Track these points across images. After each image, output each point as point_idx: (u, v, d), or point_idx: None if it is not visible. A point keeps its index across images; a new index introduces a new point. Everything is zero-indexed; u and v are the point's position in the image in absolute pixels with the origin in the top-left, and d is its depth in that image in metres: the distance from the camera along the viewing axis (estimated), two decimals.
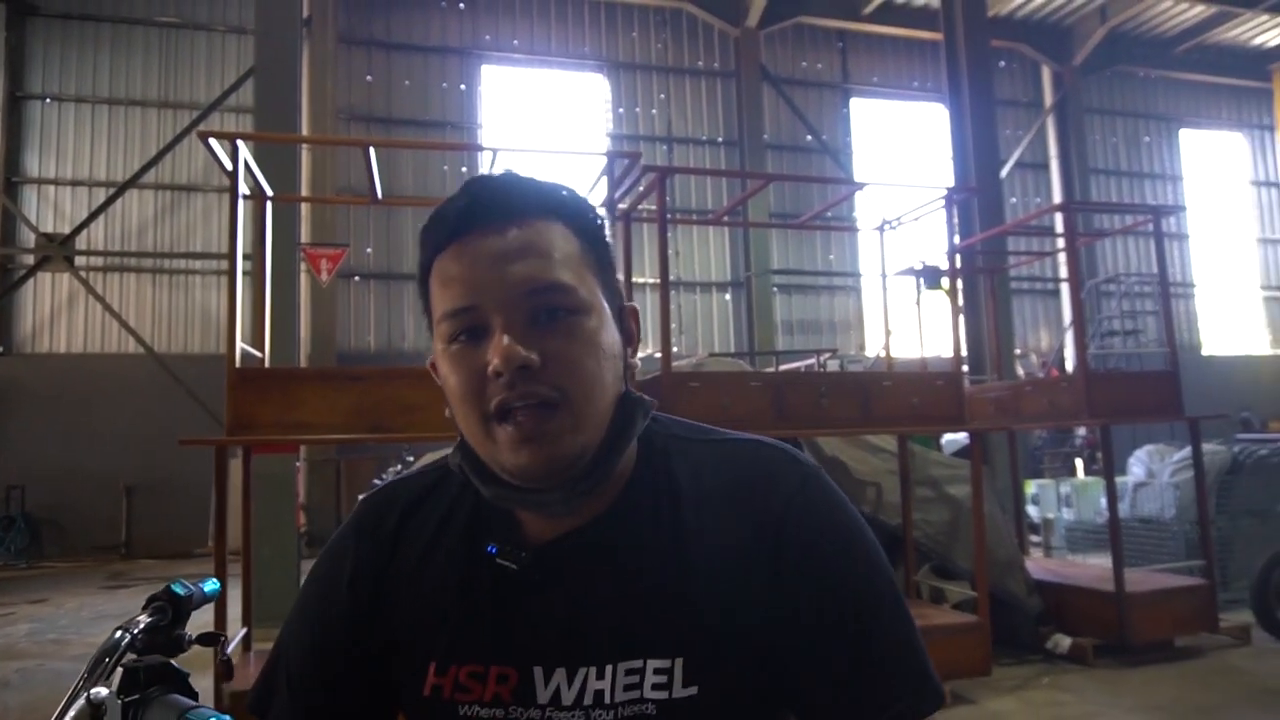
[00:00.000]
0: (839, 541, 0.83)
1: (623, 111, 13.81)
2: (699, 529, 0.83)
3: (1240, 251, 16.87)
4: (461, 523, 0.89)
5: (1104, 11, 14.64)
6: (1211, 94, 16.95)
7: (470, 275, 0.79)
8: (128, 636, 1.03)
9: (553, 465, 0.78)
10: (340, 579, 0.91)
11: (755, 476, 0.86)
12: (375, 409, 3.51)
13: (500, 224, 0.80)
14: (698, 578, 0.81)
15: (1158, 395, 5.04)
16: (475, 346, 0.79)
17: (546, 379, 0.77)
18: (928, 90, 15.36)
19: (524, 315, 0.78)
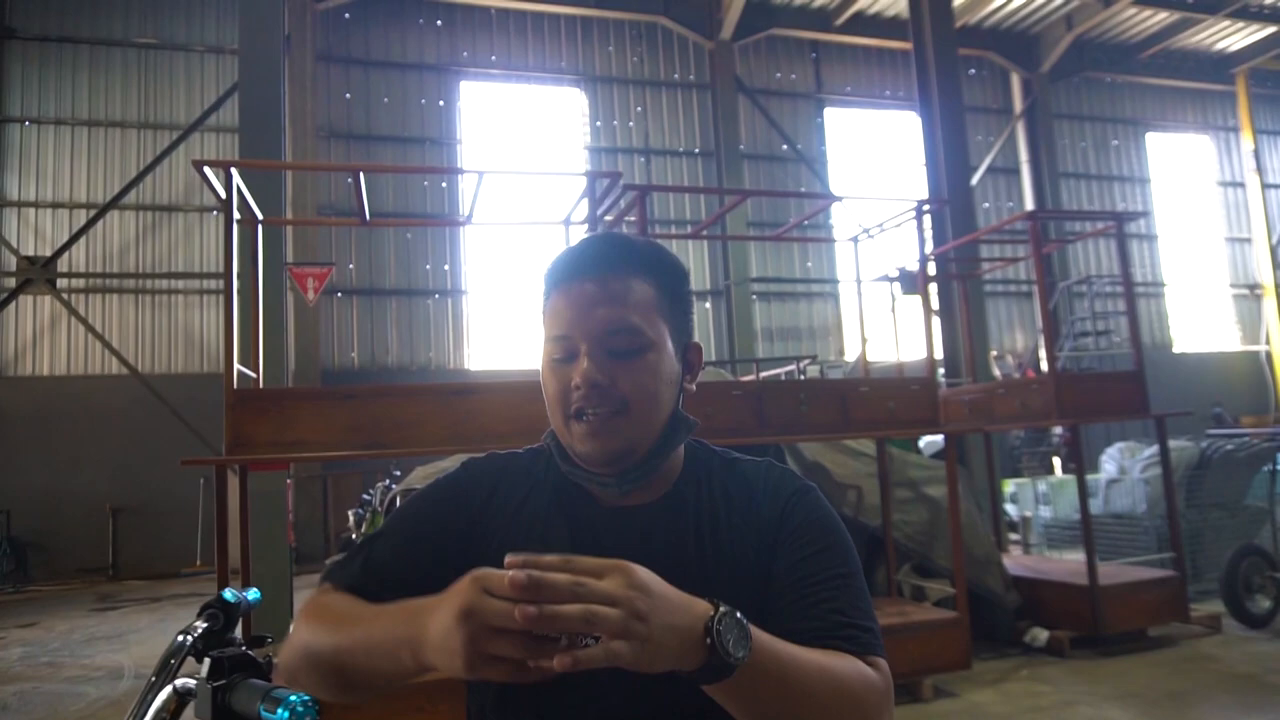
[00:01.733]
0: (826, 526, 1.09)
1: (600, 125, 13.96)
2: (727, 515, 1.11)
3: (1209, 250, 17.24)
4: (550, 487, 1.14)
5: (1070, 19, 14.97)
6: (1177, 98, 17.35)
7: (569, 313, 1.07)
8: (188, 640, 1.16)
9: (610, 454, 1.05)
10: (446, 497, 1.15)
11: (769, 481, 1.14)
12: (370, 426, 3.62)
13: (596, 274, 1.08)
14: (734, 545, 1.08)
15: (1124, 394, 5.22)
16: (568, 365, 1.07)
17: (615, 395, 1.04)
18: (899, 99, 15.63)
19: (603, 347, 1.05)
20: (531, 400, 3.82)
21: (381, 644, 0.89)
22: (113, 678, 5.72)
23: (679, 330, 1.12)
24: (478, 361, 12.74)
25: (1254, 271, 17.29)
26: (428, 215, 12.66)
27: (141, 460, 10.91)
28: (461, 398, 3.74)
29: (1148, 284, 16.13)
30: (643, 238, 1.17)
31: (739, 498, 1.13)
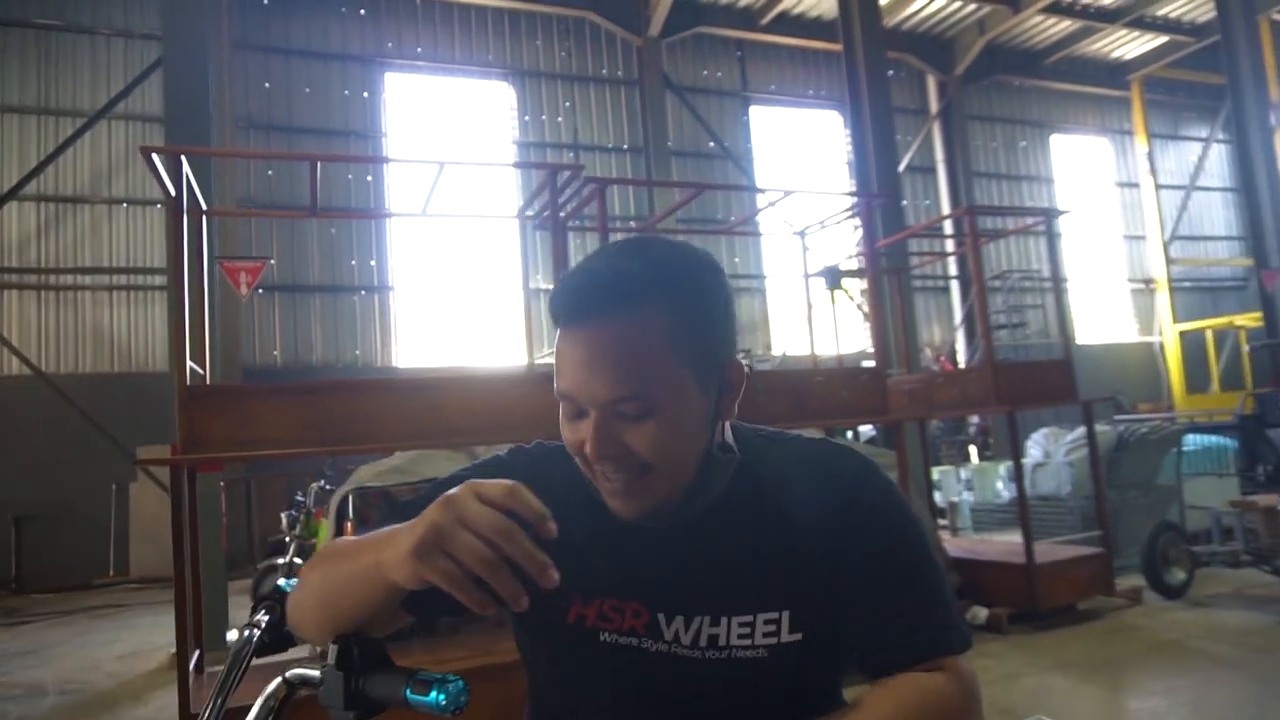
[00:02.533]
0: (894, 511, 1.04)
1: (529, 119, 13.85)
2: (792, 508, 1.03)
3: (1108, 247, 18.19)
4: (581, 496, 1.04)
5: (982, 24, 15.57)
6: (1079, 102, 18.24)
7: (569, 372, 0.95)
8: (255, 633, 1.13)
9: (641, 513, 0.99)
10: (512, 468, 1.10)
11: (834, 465, 1.06)
12: (330, 422, 3.53)
13: (598, 319, 0.93)
14: (793, 546, 1.01)
15: (1055, 382, 5.49)
16: (579, 422, 0.97)
17: (632, 460, 0.95)
18: (822, 98, 16.00)
19: (609, 414, 0.94)
20: (495, 395, 3.79)
21: (358, 564, 0.86)
22: (34, 695, 5.41)
23: (706, 356, 0.98)
24: (406, 358, 12.50)
25: (1148, 267, 18.32)
26: (350, 208, 12.33)
27: (47, 465, 10.32)
28: (424, 393, 3.68)
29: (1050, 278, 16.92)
30: (657, 245, 1.01)
31: (795, 485, 1.04)
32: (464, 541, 0.72)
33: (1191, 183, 19.07)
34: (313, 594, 0.93)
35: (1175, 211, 18.56)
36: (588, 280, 0.95)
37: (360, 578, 0.85)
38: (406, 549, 0.75)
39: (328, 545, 0.99)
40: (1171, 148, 19.15)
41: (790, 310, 15.02)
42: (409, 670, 0.81)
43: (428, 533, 0.73)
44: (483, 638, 4.15)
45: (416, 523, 0.76)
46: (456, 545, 0.73)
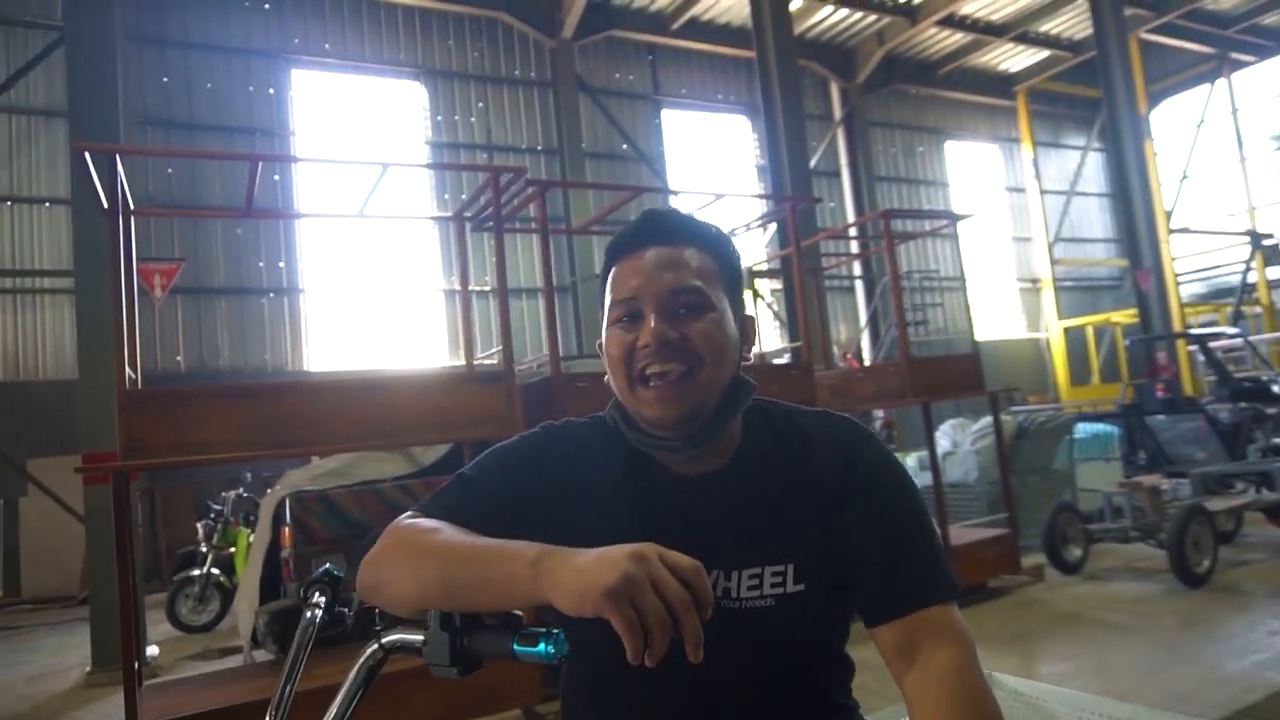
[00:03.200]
0: (891, 472, 1.16)
1: (441, 119, 13.71)
2: (799, 469, 1.16)
3: (998, 249, 19.22)
4: (619, 458, 1.18)
5: (881, 35, 16.23)
6: (970, 111, 19.21)
7: (634, 278, 1.12)
8: (317, 613, 1.20)
9: (680, 416, 1.09)
10: (528, 458, 1.20)
11: (836, 430, 1.20)
12: (277, 424, 3.50)
13: (659, 243, 1.14)
14: (798, 504, 1.13)
15: (965, 375, 5.86)
16: (632, 327, 1.11)
17: (682, 353, 1.08)
18: (731, 103, 16.36)
19: (668, 308, 1.10)
20: (446, 394, 3.83)
21: (495, 568, 0.91)
22: None
23: (736, 301, 1.17)
24: (318, 362, 12.19)
25: (1034, 267, 19.43)
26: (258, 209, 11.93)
27: None
28: (375, 393, 3.69)
29: (954, 279, 17.77)
30: (692, 215, 1.22)
31: (801, 452, 1.16)
32: (650, 600, 0.80)
33: (1072, 188, 20.33)
34: (423, 584, 0.96)
35: (1058, 215, 19.75)
36: (651, 222, 1.17)
37: (499, 586, 0.90)
38: (598, 588, 0.80)
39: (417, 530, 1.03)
40: (1054, 155, 20.37)
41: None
42: (511, 626, 0.90)
43: (621, 582, 0.80)
44: None
45: (604, 566, 0.82)
46: (644, 601, 0.80)
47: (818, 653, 1.17)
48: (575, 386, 4.28)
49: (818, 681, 1.18)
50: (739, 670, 1.11)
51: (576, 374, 4.57)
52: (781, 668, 1.14)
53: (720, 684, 1.11)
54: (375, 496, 4.60)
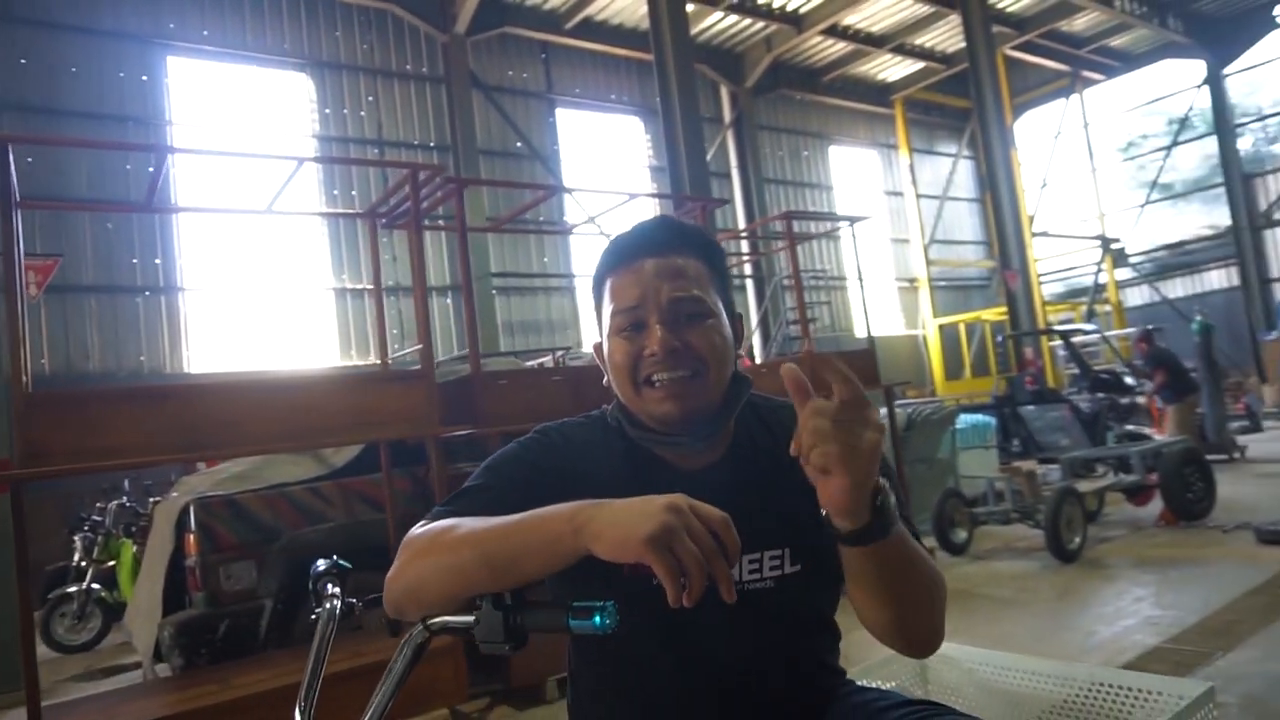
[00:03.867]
0: None
1: (330, 113, 13.30)
2: (786, 457, 1.20)
3: (878, 249, 20.13)
4: (621, 455, 1.24)
5: (769, 42, 16.74)
6: (852, 117, 20.05)
7: (636, 287, 1.18)
8: (337, 604, 1.23)
9: (687, 415, 1.17)
10: (534, 459, 1.24)
11: None
12: (189, 427, 3.37)
13: (655, 253, 1.20)
14: (790, 490, 1.19)
15: (862, 369, 6.15)
16: (636, 335, 1.18)
17: (687, 359, 1.16)
18: (624, 104, 16.54)
19: (671, 316, 1.17)
20: (365, 393, 3.78)
21: (535, 532, 0.96)
22: None
23: (727, 303, 1.25)
24: (200, 364, 11.62)
25: (912, 267, 20.46)
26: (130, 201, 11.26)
27: None
28: (289, 393, 3.60)
29: (837, 278, 18.49)
30: (690, 222, 1.31)
31: (784, 438, 1.19)
32: (687, 546, 0.87)
33: (944, 193, 21.50)
34: (464, 573, 0.99)
35: (932, 219, 20.86)
36: (647, 232, 1.22)
37: (543, 549, 0.96)
38: (640, 535, 0.87)
39: (440, 528, 1.06)
40: (928, 161, 21.49)
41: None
42: (562, 603, 0.95)
43: (660, 530, 0.87)
44: (349, 641, 4.11)
45: (642, 516, 0.89)
46: (682, 547, 0.87)
47: (813, 625, 1.28)
48: (495, 385, 4.30)
49: (814, 650, 1.29)
50: (743, 646, 1.20)
51: (497, 373, 4.58)
52: (782, 641, 1.23)
53: (726, 659, 1.20)
54: (286, 500, 4.48)
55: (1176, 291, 20.16)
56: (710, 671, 1.20)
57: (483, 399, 4.18)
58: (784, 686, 1.24)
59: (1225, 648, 3.83)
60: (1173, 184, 20.42)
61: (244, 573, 4.29)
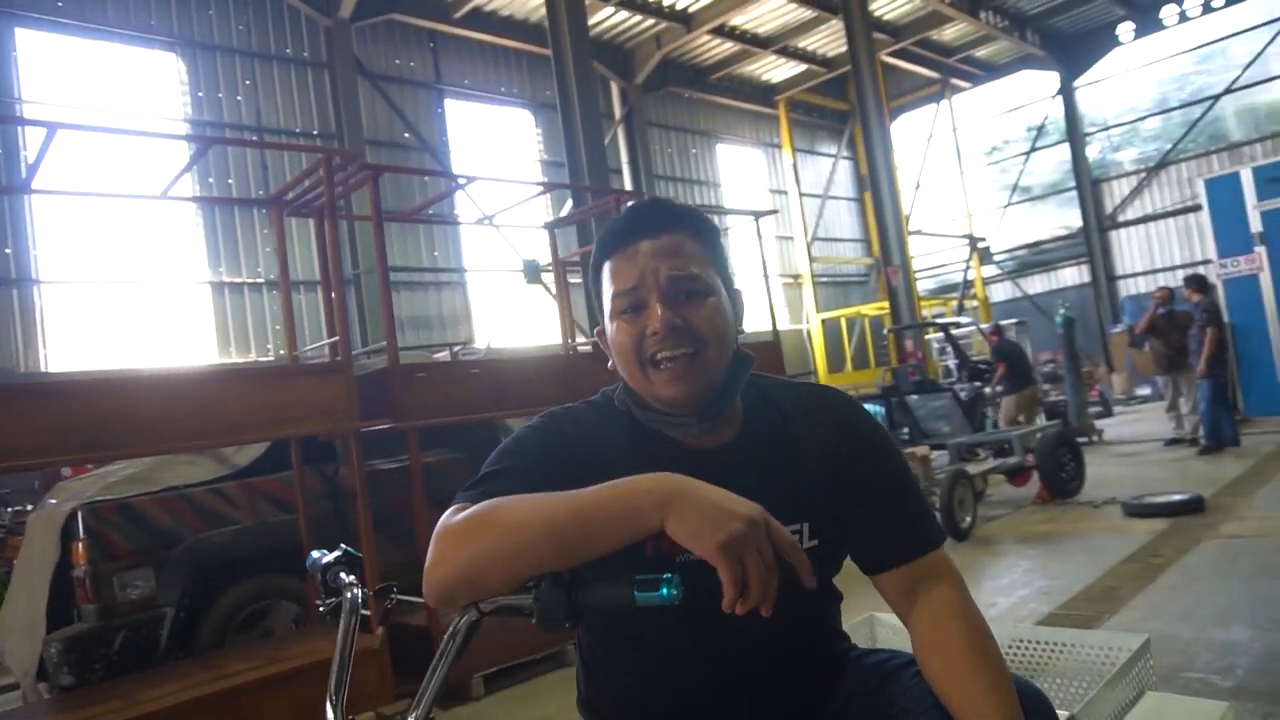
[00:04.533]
0: (881, 436, 1.34)
1: (203, 96, 12.55)
2: (801, 437, 1.29)
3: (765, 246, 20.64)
4: (628, 438, 1.25)
5: (659, 39, 16.90)
6: (738, 116, 20.48)
7: (633, 268, 1.19)
8: (357, 592, 1.18)
9: (692, 394, 1.18)
10: (546, 442, 1.22)
11: (829, 401, 1.36)
12: (87, 426, 3.12)
13: (651, 234, 1.21)
14: (805, 468, 1.26)
15: (767, 361, 6.32)
16: (637, 317, 1.18)
17: (692, 335, 1.17)
18: (514, 97, 16.34)
19: (671, 295, 1.18)
20: (279, 388, 3.62)
21: (615, 504, 0.96)
22: None
23: (726, 282, 1.26)
24: (59, 362, 10.76)
25: (796, 264, 21.10)
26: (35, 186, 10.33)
27: None
28: (198, 389, 3.40)
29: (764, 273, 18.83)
30: (683, 204, 1.31)
31: (802, 420, 1.29)
32: (755, 562, 0.91)
33: (826, 192, 22.27)
34: (527, 552, 0.97)
35: (814, 217, 21.57)
36: (642, 214, 1.23)
37: (621, 523, 0.96)
38: (718, 539, 0.90)
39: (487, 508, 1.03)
40: (810, 161, 22.20)
41: (491, 303, 15.23)
42: (627, 577, 0.93)
43: (735, 539, 0.91)
44: (268, 649, 3.93)
45: (725, 518, 0.92)
46: (751, 561, 0.91)
47: (825, 594, 1.33)
48: (414, 377, 4.18)
49: (825, 617, 1.34)
50: (764, 619, 1.23)
51: (415, 365, 4.45)
52: (798, 611, 1.26)
53: (747, 632, 1.21)
54: (187, 502, 4.23)
55: (1036, 287, 21.59)
56: (731, 643, 1.22)
57: (401, 392, 4.07)
58: (800, 652, 1.28)
59: (1111, 611, 4.15)
60: (1031, 187, 21.84)
61: (141, 581, 4.02)
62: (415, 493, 4.03)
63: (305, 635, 4.13)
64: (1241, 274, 10.51)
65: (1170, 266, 19.12)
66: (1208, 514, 5.89)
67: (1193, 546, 5.12)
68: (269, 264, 12.67)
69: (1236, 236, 10.57)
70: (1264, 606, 3.89)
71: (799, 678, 1.27)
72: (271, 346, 12.48)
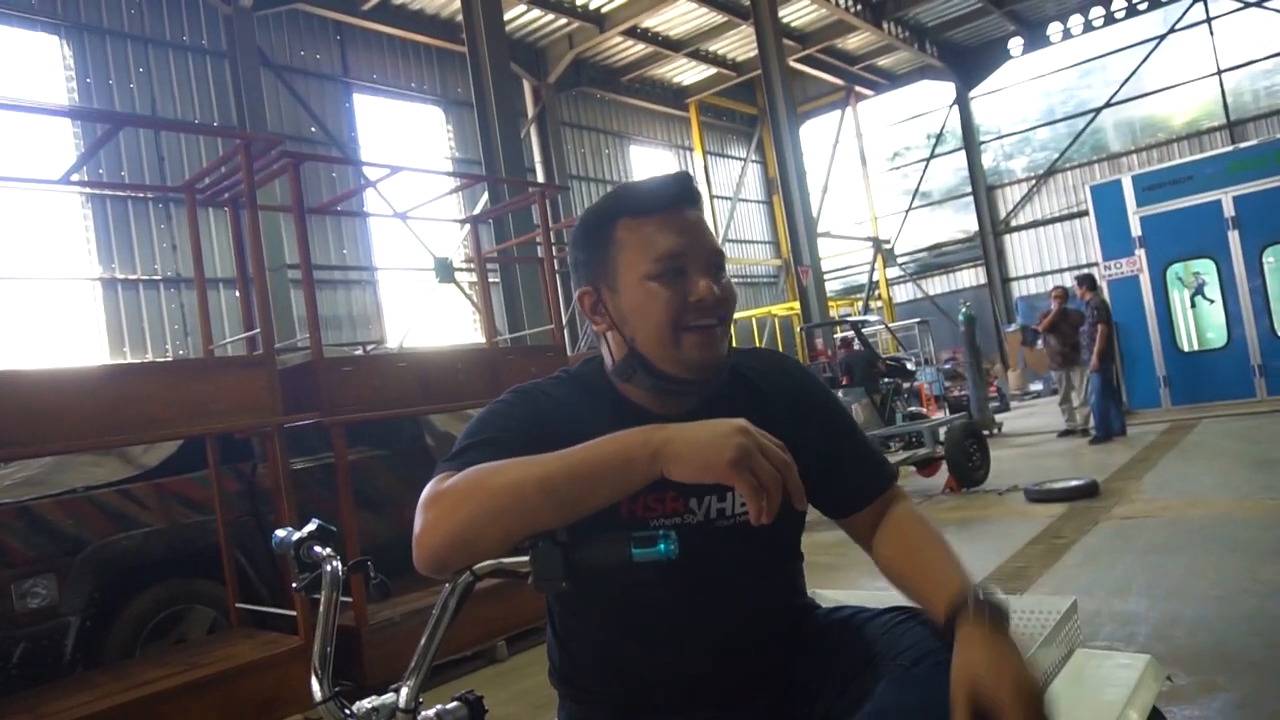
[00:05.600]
0: (829, 393, 1.44)
1: (91, 82, 11.87)
2: (763, 398, 1.35)
3: None
4: (609, 408, 1.28)
5: (571, 39, 16.88)
6: (650, 118, 20.65)
7: (680, 237, 1.22)
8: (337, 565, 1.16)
9: (719, 359, 1.24)
10: (523, 414, 1.24)
11: (782, 361, 1.45)
12: None
13: (691, 206, 1.26)
14: (768, 427, 1.28)
15: None
16: (677, 281, 1.21)
17: (728, 304, 1.25)
18: (425, 93, 16.05)
19: (712, 268, 1.23)
20: (201, 381, 3.48)
21: (608, 458, 0.98)
22: None
23: None
24: None
25: None
26: None
27: None
28: (115, 382, 3.23)
29: None
30: None
31: (760, 382, 1.36)
32: (764, 466, 0.95)
33: (736, 195, 22.66)
34: (524, 511, 0.97)
35: (725, 219, 21.92)
36: (678, 185, 1.25)
37: (617, 475, 0.98)
38: (724, 460, 0.94)
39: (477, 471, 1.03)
40: (721, 164, 22.55)
41: (403, 303, 14.93)
42: (624, 534, 0.95)
43: (740, 453, 0.94)
44: (184, 655, 3.76)
45: (720, 439, 0.95)
46: (760, 467, 0.95)
47: (790, 550, 1.38)
48: (340, 370, 4.07)
49: (789, 574, 1.40)
50: (734, 571, 1.28)
51: (340, 359, 4.34)
52: (766, 568, 1.32)
53: (719, 585, 1.27)
54: (92, 505, 4.00)
55: (936, 288, 22.48)
56: (705, 596, 1.26)
57: (327, 386, 3.95)
58: (772, 605, 1.34)
59: (1022, 589, 4.37)
60: (931, 192, 22.73)
61: (42, 589, 3.78)
62: (341, 490, 3.92)
63: (223, 640, 3.96)
64: (1124, 275, 11.22)
65: (1059, 269, 20.21)
66: (1102, 498, 6.26)
67: (1091, 527, 5.44)
68: (165, 260, 12.10)
69: (1119, 240, 11.27)
70: (1157, 579, 4.17)
71: (771, 631, 1.32)
72: (170, 347, 11.91)
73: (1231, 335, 10.67)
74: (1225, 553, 4.45)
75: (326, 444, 4.50)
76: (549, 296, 5.42)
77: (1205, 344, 11.31)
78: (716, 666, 1.28)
